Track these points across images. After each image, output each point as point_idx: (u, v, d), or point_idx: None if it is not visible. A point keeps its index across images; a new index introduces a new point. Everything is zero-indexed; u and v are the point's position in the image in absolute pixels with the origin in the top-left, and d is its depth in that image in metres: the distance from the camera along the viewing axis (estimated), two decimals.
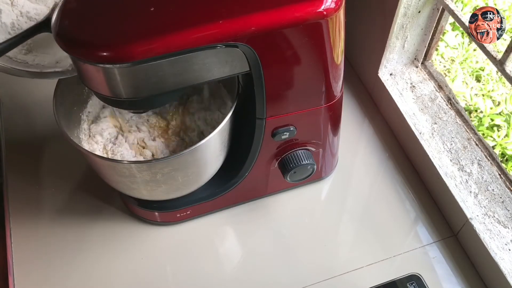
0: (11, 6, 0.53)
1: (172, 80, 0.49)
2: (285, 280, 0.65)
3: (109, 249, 0.68)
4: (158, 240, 0.69)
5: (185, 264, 0.67)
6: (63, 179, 0.74)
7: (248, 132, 0.61)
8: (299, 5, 0.48)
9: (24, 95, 0.84)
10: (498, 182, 0.68)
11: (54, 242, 0.68)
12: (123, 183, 0.59)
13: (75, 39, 0.45)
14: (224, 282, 0.65)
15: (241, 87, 0.58)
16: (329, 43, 0.52)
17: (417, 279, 0.63)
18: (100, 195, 0.73)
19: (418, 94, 0.78)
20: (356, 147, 0.79)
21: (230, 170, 0.66)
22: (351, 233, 0.70)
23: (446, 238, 0.68)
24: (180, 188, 0.61)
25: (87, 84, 0.50)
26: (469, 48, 1.30)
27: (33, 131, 0.81)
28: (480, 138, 0.72)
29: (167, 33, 0.45)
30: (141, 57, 0.45)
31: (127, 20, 0.47)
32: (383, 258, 0.67)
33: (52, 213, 0.71)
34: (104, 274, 0.66)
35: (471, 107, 1.21)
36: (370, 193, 0.73)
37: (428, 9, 0.72)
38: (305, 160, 0.63)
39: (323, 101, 0.59)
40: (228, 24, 0.46)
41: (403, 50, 0.77)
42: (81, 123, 0.64)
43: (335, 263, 0.66)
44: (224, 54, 0.49)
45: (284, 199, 0.73)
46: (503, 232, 0.63)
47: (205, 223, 0.70)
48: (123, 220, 0.70)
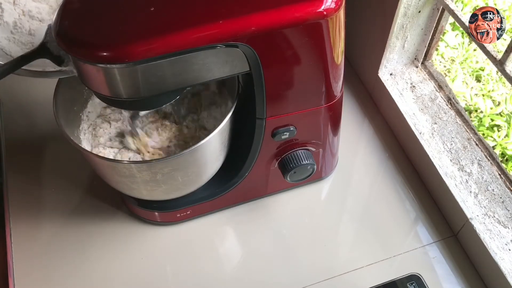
0: (13, 5, 0.53)
1: (172, 80, 0.49)
2: (285, 280, 0.65)
3: (109, 249, 0.68)
4: (158, 240, 0.69)
5: (185, 264, 0.67)
6: (63, 179, 0.74)
7: (248, 132, 0.61)
8: (299, 5, 0.48)
9: (24, 95, 0.84)
10: (498, 182, 0.68)
11: (54, 242, 0.68)
12: (123, 183, 0.59)
13: (75, 39, 0.45)
14: (224, 282, 0.65)
15: (241, 87, 0.58)
16: (329, 43, 0.52)
17: (417, 279, 0.63)
18: (100, 195, 0.73)
19: (418, 94, 0.78)
20: (356, 147, 0.79)
21: (230, 170, 0.66)
22: (351, 233, 0.70)
23: (446, 238, 0.68)
24: (180, 188, 0.61)
25: (87, 84, 0.50)
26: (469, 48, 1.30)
27: (33, 131, 0.81)
28: (480, 138, 0.72)
29: (167, 33, 0.45)
30: (141, 57, 0.45)
31: (127, 20, 0.47)
32: (383, 258, 0.67)
33: (52, 213, 0.71)
34: (104, 274, 0.66)
35: (471, 107, 1.21)
36: (370, 193, 0.73)
37: (428, 9, 0.72)
38: (305, 160, 0.63)
39: (323, 101, 0.59)
40: (228, 24, 0.46)
41: (403, 50, 0.77)
42: (81, 123, 0.64)
43: (335, 263, 0.66)
44: (224, 54, 0.49)
45: (284, 199, 0.73)
46: (503, 232, 0.63)
47: (205, 223, 0.70)
48: (123, 220, 0.70)
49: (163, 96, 0.52)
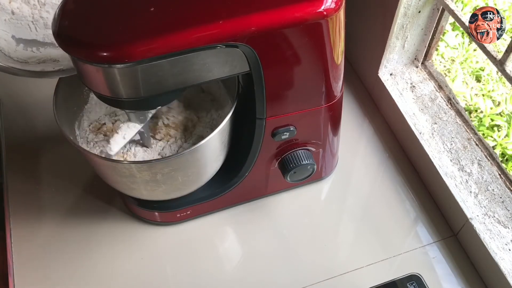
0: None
1: (172, 80, 0.49)
2: (285, 280, 0.65)
3: (109, 249, 0.68)
4: (158, 240, 0.69)
5: (185, 264, 0.67)
6: (63, 179, 0.74)
7: (248, 132, 0.61)
8: (299, 5, 0.48)
9: (24, 95, 0.84)
10: (498, 182, 0.68)
11: (54, 242, 0.68)
12: (123, 183, 0.59)
13: (75, 39, 0.45)
14: (224, 282, 0.65)
15: (241, 87, 0.58)
16: (329, 43, 0.52)
17: (417, 279, 0.63)
18: (100, 195, 0.73)
19: (418, 94, 0.78)
20: (356, 147, 0.79)
21: (230, 170, 0.66)
22: (351, 233, 0.70)
23: (446, 238, 0.68)
24: (180, 188, 0.61)
25: (87, 84, 0.50)
26: (469, 48, 1.30)
27: (33, 131, 0.81)
28: (480, 138, 0.72)
29: (167, 33, 0.45)
30: (141, 57, 0.45)
31: (127, 20, 0.47)
32: (383, 258, 0.67)
33: (52, 213, 0.71)
34: (104, 274, 0.66)
35: (471, 107, 1.21)
36: (370, 193, 0.73)
37: (428, 9, 0.72)
38: (305, 160, 0.63)
39: (323, 101, 0.59)
40: (228, 24, 0.46)
41: (403, 50, 0.77)
42: (81, 123, 0.64)
43: (335, 263, 0.66)
44: (224, 54, 0.49)
45: (284, 199, 0.73)
46: (503, 232, 0.63)
47: (205, 223, 0.70)
48: (123, 220, 0.70)
49: (163, 96, 0.52)
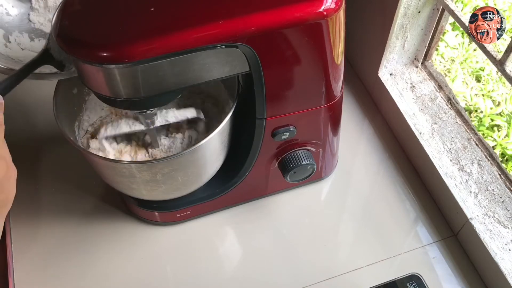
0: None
1: (172, 80, 0.49)
2: (285, 280, 0.65)
3: (109, 249, 0.68)
4: (158, 240, 0.69)
5: (185, 264, 0.67)
6: (63, 179, 0.74)
7: (248, 132, 0.61)
8: (299, 5, 0.48)
9: (24, 95, 0.84)
10: (498, 182, 0.68)
11: (54, 242, 0.68)
12: (123, 183, 0.59)
13: (75, 40, 0.45)
14: (224, 282, 0.65)
15: (241, 87, 0.58)
16: (329, 43, 0.52)
17: (417, 279, 0.63)
18: (100, 195, 0.73)
19: (418, 94, 0.78)
20: (356, 147, 0.79)
21: (230, 170, 0.66)
22: (351, 233, 0.70)
23: (446, 238, 0.68)
24: (180, 188, 0.61)
25: (87, 84, 0.50)
26: (469, 48, 1.30)
27: (33, 131, 0.81)
28: (480, 138, 0.72)
29: (167, 33, 0.45)
30: (141, 57, 0.45)
31: (127, 20, 0.47)
32: (383, 258, 0.67)
33: (52, 213, 0.71)
34: (104, 274, 0.66)
35: (471, 107, 1.21)
36: (370, 193, 0.73)
37: (428, 9, 0.72)
38: (305, 160, 0.63)
39: (323, 101, 0.59)
40: (228, 24, 0.46)
41: (403, 50, 0.77)
42: (81, 123, 0.64)
43: (335, 263, 0.66)
44: (224, 54, 0.49)
45: (284, 199, 0.73)
46: (503, 232, 0.63)
47: (205, 223, 0.70)
48: (123, 220, 0.70)
49: (163, 96, 0.52)
